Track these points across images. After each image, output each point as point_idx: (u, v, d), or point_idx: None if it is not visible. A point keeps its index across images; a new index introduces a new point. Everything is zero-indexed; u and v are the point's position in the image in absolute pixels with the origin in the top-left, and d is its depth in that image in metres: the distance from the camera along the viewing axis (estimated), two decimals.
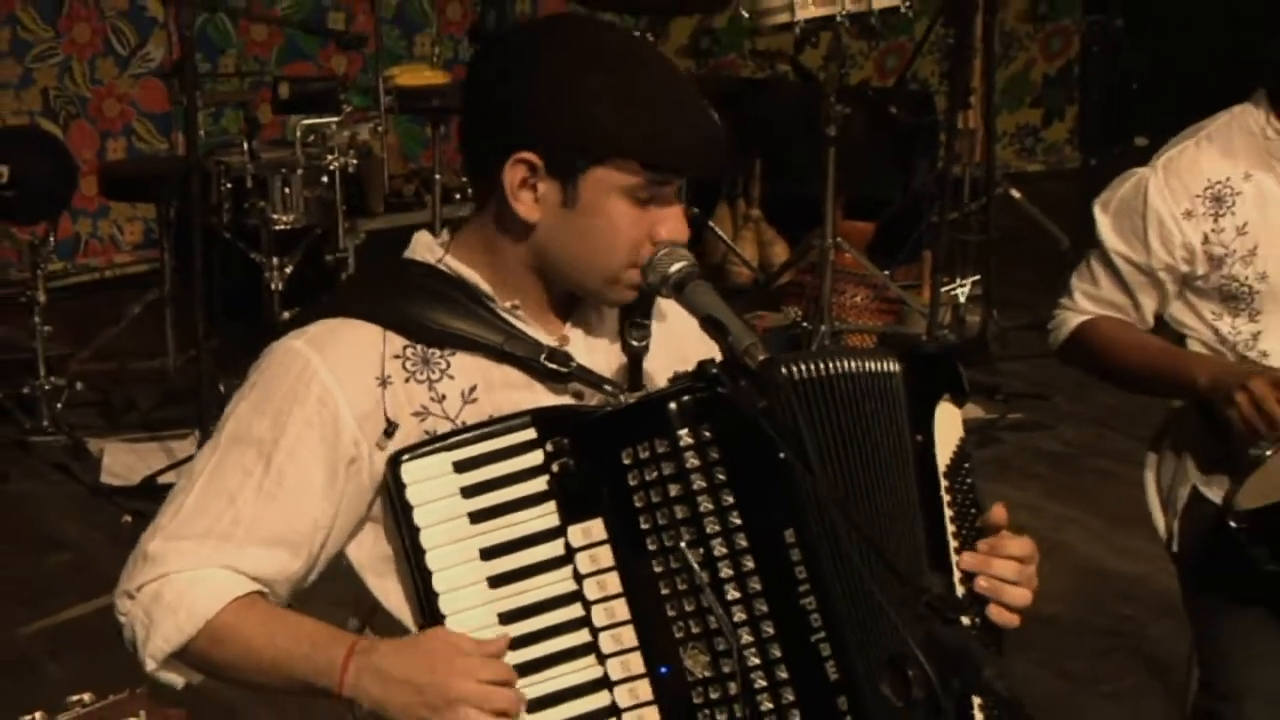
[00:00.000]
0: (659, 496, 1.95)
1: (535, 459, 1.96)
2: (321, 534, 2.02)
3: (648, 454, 1.95)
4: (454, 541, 1.93)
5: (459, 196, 6.14)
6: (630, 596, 1.95)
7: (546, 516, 1.96)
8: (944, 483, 2.15)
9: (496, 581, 1.94)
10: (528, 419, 1.96)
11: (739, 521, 1.95)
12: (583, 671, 1.94)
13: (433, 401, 2.03)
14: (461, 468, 1.95)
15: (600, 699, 1.95)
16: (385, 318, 2.04)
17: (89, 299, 6.87)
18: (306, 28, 7.17)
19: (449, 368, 2.04)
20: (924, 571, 2.06)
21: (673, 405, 1.96)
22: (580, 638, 1.95)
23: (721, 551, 1.95)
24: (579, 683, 1.94)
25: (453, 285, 2.08)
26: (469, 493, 1.95)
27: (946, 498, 2.14)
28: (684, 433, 1.95)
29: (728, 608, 1.94)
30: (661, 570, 1.95)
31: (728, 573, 1.95)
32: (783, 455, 1.90)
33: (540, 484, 1.96)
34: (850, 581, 1.98)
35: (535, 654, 1.93)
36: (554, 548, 1.96)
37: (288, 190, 5.71)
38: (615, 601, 1.95)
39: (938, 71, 8.42)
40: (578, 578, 1.95)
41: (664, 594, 1.95)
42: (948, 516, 2.14)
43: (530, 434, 1.96)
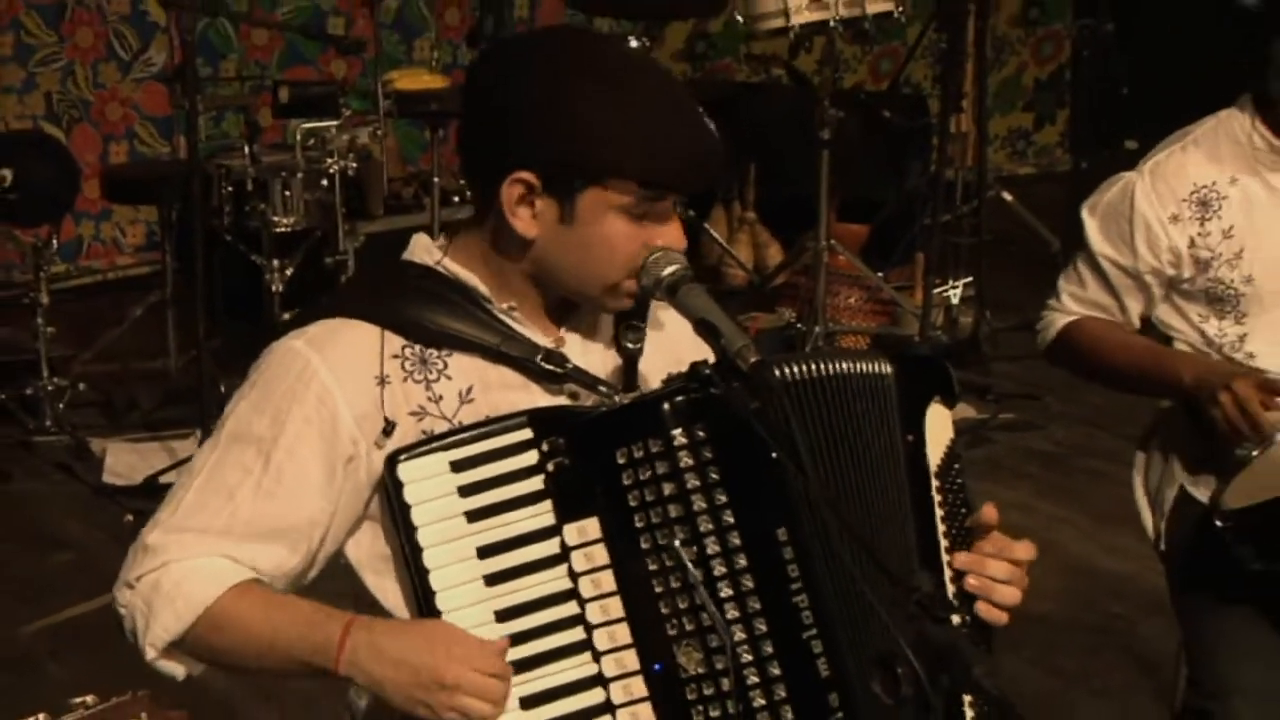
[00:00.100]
0: (653, 495, 1.95)
1: (531, 458, 1.96)
2: (319, 531, 2.02)
3: (642, 453, 1.95)
4: (451, 540, 1.94)
5: (457, 199, 6.13)
6: (625, 594, 1.95)
7: (542, 515, 1.96)
8: (935, 483, 2.15)
9: (493, 579, 1.94)
10: (524, 419, 1.97)
11: (732, 520, 1.95)
12: (578, 668, 1.95)
13: (430, 401, 2.03)
14: (458, 467, 1.95)
15: (595, 696, 1.95)
16: (384, 318, 2.04)
17: (91, 300, 6.87)
18: (307, 33, 7.16)
19: (446, 368, 2.05)
20: (915, 571, 2.06)
21: (667, 406, 1.96)
22: (575, 635, 1.95)
23: (715, 550, 1.95)
24: (574, 679, 1.95)
25: (451, 287, 2.08)
26: (466, 492, 1.95)
27: (937, 498, 2.14)
28: (678, 432, 1.95)
29: (721, 605, 1.94)
30: (656, 568, 1.95)
31: (721, 571, 1.95)
32: (775, 455, 1.90)
33: (536, 483, 1.96)
34: (842, 580, 1.98)
35: (531, 651, 1.94)
36: (549, 546, 1.96)
37: (288, 193, 5.71)
38: (610, 599, 1.95)
39: (930, 76, 8.43)
40: (573, 576, 1.96)
41: (658, 592, 1.95)
42: (938, 516, 2.14)
43: (526, 434, 1.96)
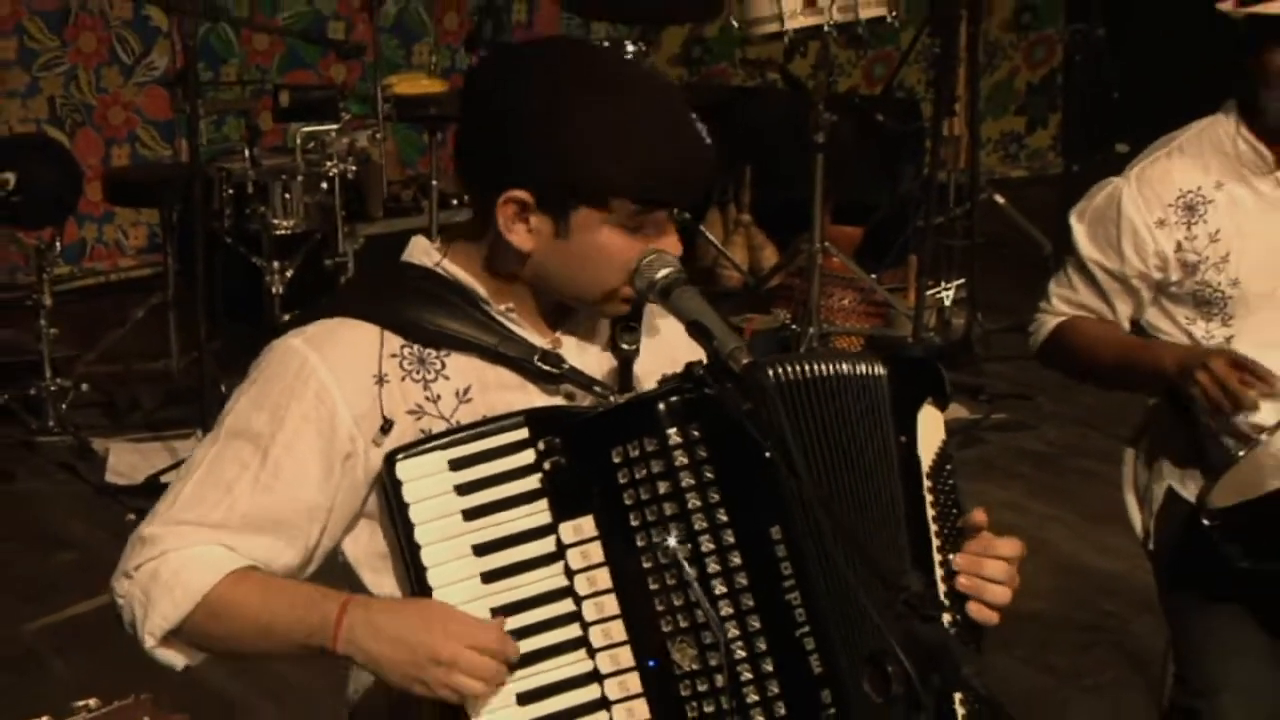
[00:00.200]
0: (648, 494, 1.95)
1: (528, 458, 1.96)
2: (316, 527, 2.02)
3: (637, 453, 1.95)
4: (448, 538, 1.94)
5: (456, 202, 6.13)
6: (620, 592, 1.95)
7: (538, 514, 1.96)
8: (927, 483, 2.15)
9: (489, 577, 1.94)
10: (520, 419, 1.97)
11: (726, 519, 1.95)
12: (573, 665, 1.95)
13: (428, 401, 2.03)
14: (456, 465, 1.95)
15: (590, 691, 1.95)
16: (383, 318, 2.05)
17: (94, 302, 6.87)
18: (307, 37, 7.17)
19: (444, 368, 2.05)
20: (906, 570, 2.06)
21: (662, 405, 1.96)
22: (571, 632, 1.95)
23: (709, 548, 1.94)
24: (570, 676, 1.95)
25: (449, 288, 2.08)
26: (463, 490, 1.95)
27: (929, 498, 2.14)
28: (672, 432, 1.95)
29: (715, 603, 1.94)
30: (650, 566, 1.95)
31: (715, 568, 1.95)
32: (768, 455, 1.90)
33: (532, 482, 1.96)
34: (835, 578, 1.98)
35: (527, 648, 1.93)
36: (546, 544, 1.96)
37: (288, 196, 5.71)
38: (605, 596, 1.95)
39: (924, 80, 8.43)
40: (569, 573, 1.95)
41: (653, 589, 1.94)
42: (930, 517, 2.14)
43: (523, 433, 1.96)
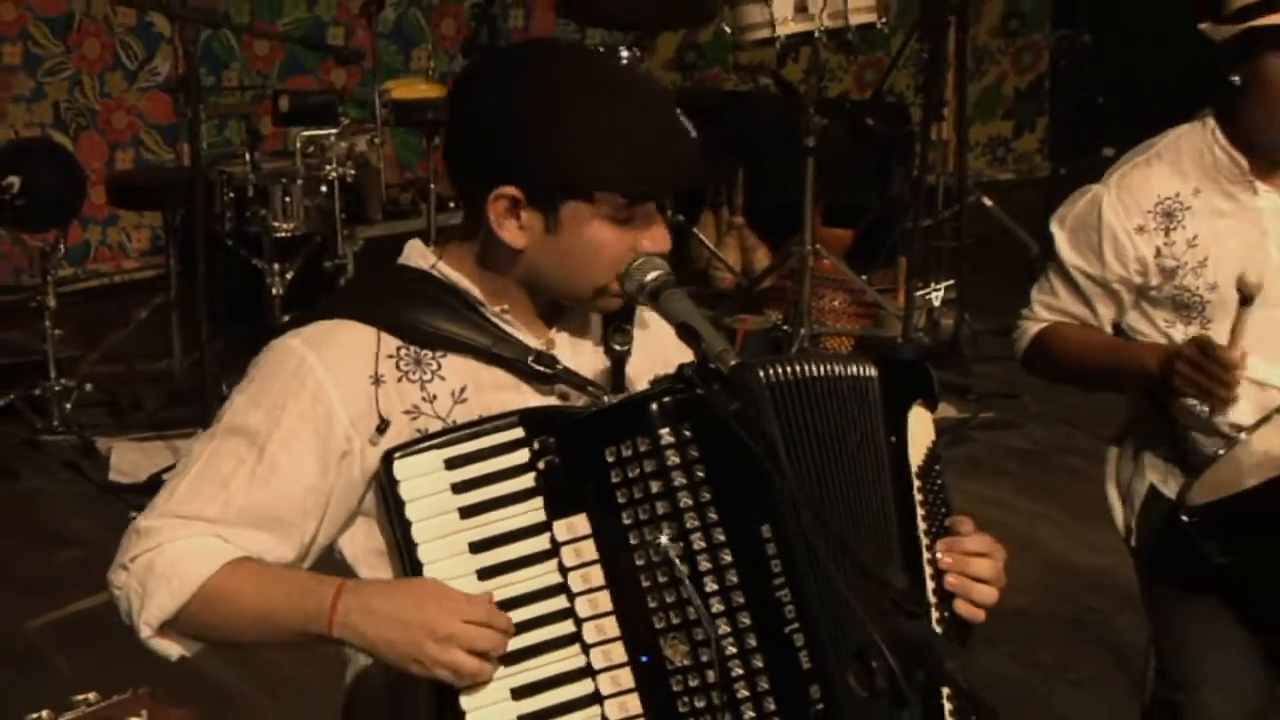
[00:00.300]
0: (641, 493, 1.95)
1: (522, 457, 1.96)
2: (311, 523, 2.03)
3: (630, 452, 1.95)
4: (444, 535, 1.94)
5: (453, 204, 6.12)
6: (613, 588, 1.95)
7: (533, 512, 1.96)
8: (916, 483, 2.15)
9: (485, 574, 1.95)
10: (515, 419, 1.97)
11: (717, 517, 1.95)
12: (567, 660, 1.95)
13: (424, 401, 2.04)
14: (452, 465, 1.95)
15: (584, 687, 1.95)
16: (380, 319, 2.05)
17: (98, 303, 6.87)
18: (307, 43, 7.17)
19: (440, 369, 2.05)
20: (894, 568, 2.07)
21: (654, 406, 1.96)
22: (565, 628, 1.95)
23: (700, 546, 1.95)
24: (564, 671, 1.95)
25: (444, 290, 2.08)
26: (459, 489, 1.95)
27: (918, 497, 2.15)
28: (665, 432, 1.95)
29: (706, 599, 1.94)
30: (643, 563, 1.95)
31: (706, 566, 1.95)
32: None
33: (527, 481, 1.96)
34: (824, 576, 1.98)
35: (522, 643, 1.94)
36: (540, 542, 1.96)
37: (288, 199, 5.71)
38: (598, 593, 1.96)
39: (913, 85, 8.44)
40: (563, 570, 1.96)
41: (645, 586, 1.95)
42: (919, 515, 2.14)
43: (518, 433, 1.96)
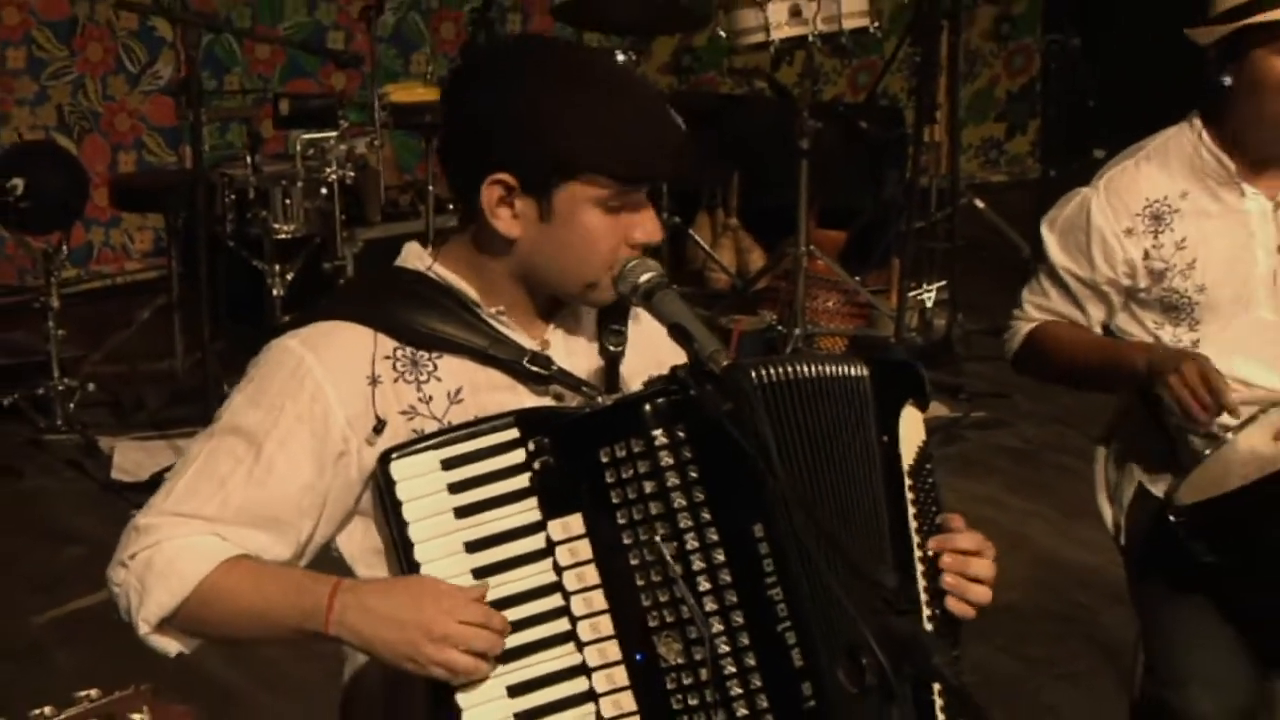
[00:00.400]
0: (635, 493, 1.95)
1: (518, 457, 1.96)
2: (308, 523, 2.03)
3: (624, 453, 1.95)
4: (440, 535, 1.94)
5: (452, 206, 6.13)
6: (607, 588, 1.95)
7: (528, 512, 1.96)
8: (908, 482, 2.15)
9: (481, 573, 1.94)
10: (511, 419, 1.97)
11: (710, 517, 1.95)
12: (562, 658, 1.95)
13: (420, 402, 2.03)
14: (448, 465, 1.95)
15: (579, 684, 1.95)
16: (377, 321, 2.05)
17: (101, 304, 6.87)
18: (307, 47, 7.17)
19: (436, 370, 2.05)
20: (885, 566, 2.06)
21: (648, 407, 1.96)
22: (560, 626, 1.95)
23: (694, 545, 1.94)
24: (559, 669, 1.95)
25: (441, 292, 2.08)
26: (455, 489, 1.95)
27: (910, 496, 2.14)
28: (658, 432, 1.95)
29: (699, 599, 1.94)
30: (637, 563, 1.95)
31: (699, 565, 1.94)
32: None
33: (522, 481, 1.96)
34: (816, 575, 1.98)
35: (517, 641, 1.93)
36: (535, 541, 1.96)
37: (288, 201, 5.71)
38: (593, 592, 1.95)
39: (906, 88, 8.43)
40: (558, 570, 1.95)
41: (639, 585, 1.95)
42: (910, 514, 2.14)
43: (513, 433, 1.96)
